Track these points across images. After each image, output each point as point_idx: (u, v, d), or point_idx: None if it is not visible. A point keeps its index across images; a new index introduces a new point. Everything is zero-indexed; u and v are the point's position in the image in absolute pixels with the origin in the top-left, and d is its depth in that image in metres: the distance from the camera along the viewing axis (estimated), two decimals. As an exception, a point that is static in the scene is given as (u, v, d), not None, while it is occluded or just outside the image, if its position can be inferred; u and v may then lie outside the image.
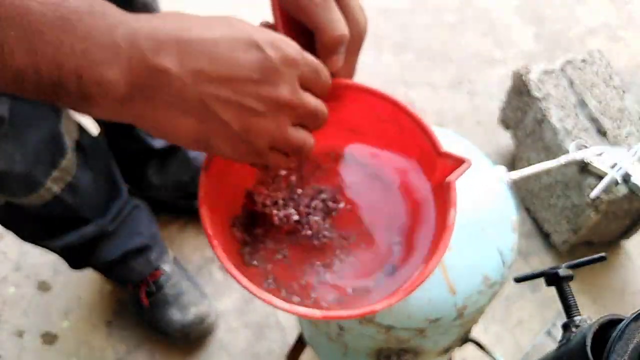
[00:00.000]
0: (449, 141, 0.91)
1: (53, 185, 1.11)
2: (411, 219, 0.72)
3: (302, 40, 0.60)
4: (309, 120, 0.59)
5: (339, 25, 0.61)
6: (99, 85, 0.48)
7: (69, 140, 1.12)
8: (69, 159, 1.12)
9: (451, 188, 0.63)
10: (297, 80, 0.55)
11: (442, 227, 0.63)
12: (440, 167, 0.65)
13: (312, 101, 0.58)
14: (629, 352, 0.50)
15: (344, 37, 0.62)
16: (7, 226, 1.23)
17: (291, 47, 0.55)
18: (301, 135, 0.59)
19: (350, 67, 0.67)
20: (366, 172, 0.75)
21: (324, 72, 0.59)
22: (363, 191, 0.75)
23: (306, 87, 0.58)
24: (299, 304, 0.64)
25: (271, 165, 0.61)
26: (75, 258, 1.39)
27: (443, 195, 0.65)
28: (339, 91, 0.67)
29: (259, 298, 0.58)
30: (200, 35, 0.51)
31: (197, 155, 1.59)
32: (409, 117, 0.67)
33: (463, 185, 0.84)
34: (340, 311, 0.62)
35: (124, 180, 1.38)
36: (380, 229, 0.72)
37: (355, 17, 0.63)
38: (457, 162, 0.63)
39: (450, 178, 0.63)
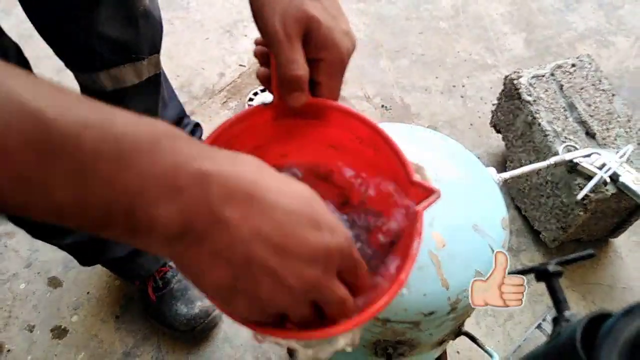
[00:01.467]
0: (443, 143, 0.95)
1: None
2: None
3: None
4: (333, 307, 0.54)
5: (295, 66, 0.63)
6: (150, 224, 0.44)
7: None
8: None
9: (418, 217, 0.61)
10: (337, 268, 0.53)
11: (405, 255, 0.60)
12: (412, 195, 0.63)
13: (342, 292, 0.54)
14: (618, 346, 0.50)
15: (296, 78, 0.63)
16: (17, 223, 1.24)
17: (347, 239, 0.53)
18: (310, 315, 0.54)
19: (333, 89, 0.69)
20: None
21: (363, 268, 0.56)
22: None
23: (341, 276, 0.54)
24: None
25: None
26: (85, 255, 1.40)
27: (411, 223, 0.62)
28: (323, 111, 0.69)
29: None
30: (274, 198, 0.48)
31: None
32: (386, 143, 0.67)
33: (458, 186, 0.87)
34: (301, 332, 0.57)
35: None
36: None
37: (335, 43, 0.65)
38: (427, 192, 0.62)
39: (418, 207, 0.61)
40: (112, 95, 1.23)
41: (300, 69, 0.64)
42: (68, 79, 1.97)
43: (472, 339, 1.08)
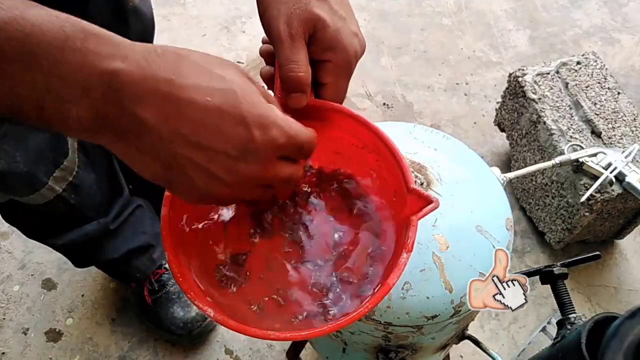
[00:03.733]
0: (446, 142, 0.93)
1: (55, 185, 1.11)
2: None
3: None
4: (279, 184, 0.58)
5: (295, 67, 0.63)
6: (61, 119, 0.46)
7: (71, 140, 1.13)
8: (71, 159, 1.12)
9: (411, 227, 0.61)
10: (274, 156, 0.55)
11: (392, 265, 0.62)
12: (410, 203, 0.63)
13: (286, 170, 0.57)
14: (623, 349, 0.51)
15: (296, 79, 0.63)
16: (12, 222, 1.24)
17: (279, 129, 0.54)
18: (264, 194, 0.59)
19: (338, 91, 0.69)
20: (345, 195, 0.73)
21: (310, 143, 0.58)
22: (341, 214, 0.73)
23: (285, 157, 0.57)
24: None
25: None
26: (79, 256, 1.39)
27: (404, 232, 0.63)
28: (325, 113, 0.68)
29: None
30: (193, 96, 0.49)
31: None
32: (388, 148, 0.67)
33: (461, 186, 0.86)
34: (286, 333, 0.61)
35: (126, 180, 1.39)
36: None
37: (343, 44, 0.65)
38: (425, 201, 0.62)
39: (413, 217, 0.62)
40: None
41: (301, 70, 0.63)
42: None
43: (476, 342, 1.09)
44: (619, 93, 1.59)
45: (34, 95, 0.45)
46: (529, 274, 0.98)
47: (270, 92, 0.60)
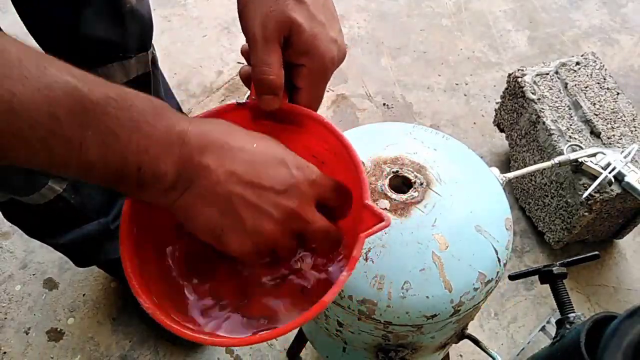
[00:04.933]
0: (445, 143, 0.94)
1: (55, 185, 1.12)
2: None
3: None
4: (316, 236, 0.63)
5: (266, 69, 0.64)
6: (154, 175, 0.54)
7: None
8: None
9: (357, 243, 0.60)
10: (313, 199, 0.62)
11: (335, 282, 0.60)
12: (364, 218, 0.62)
13: (322, 222, 0.63)
14: (622, 348, 0.51)
15: (266, 81, 0.64)
16: (13, 221, 1.25)
17: (313, 171, 0.62)
18: (295, 249, 0.65)
19: (311, 97, 0.70)
20: None
21: (341, 186, 0.65)
22: None
23: (324, 204, 0.64)
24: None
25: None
26: (80, 256, 1.40)
27: (351, 247, 0.62)
28: (298, 118, 0.69)
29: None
30: (242, 145, 0.58)
31: None
32: (350, 159, 0.66)
33: (461, 186, 0.86)
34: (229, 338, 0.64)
35: None
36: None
37: (319, 50, 0.65)
38: (376, 219, 0.61)
39: (362, 234, 0.60)
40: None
41: (272, 73, 0.64)
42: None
43: (476, 342, 1.08)
44: (618, 93, 1.59)
45: (136, 157, 0.53)
46: (529, 273, 0.98)
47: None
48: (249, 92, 0.69)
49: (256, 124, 0.69)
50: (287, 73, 0.66)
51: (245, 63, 0.70)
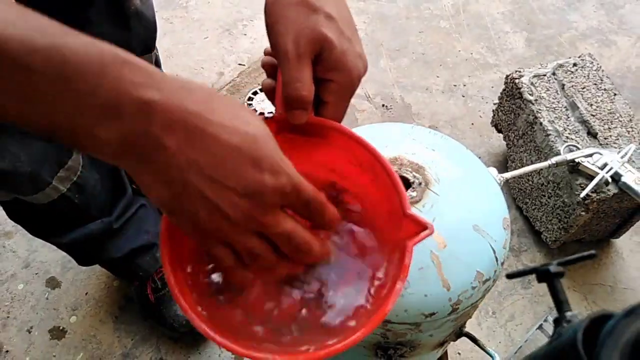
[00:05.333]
0: (444, 143, 0.95)
1: (59, 185, 1.12)
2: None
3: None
4: (277, 239, 0.57)
5: (300, 85, 0.63)
6: (91, 142, 0.48)
7: None
8: (75, 159, 1.12)
9: (407, 252, 0.60)
10: (278, 206, 0.56)
11: (391, 291, 0.60)
12: (404, 227, 0.62)
13: (285, 225, 0.57)
14: (619, 347, 0.50)
15: (300, 98, 0.64)
16: (16, 220, 1.25)
17: (290, 181, 0.55)
18: (260, 248, 0.58)
19: (338, 110, 0.70)
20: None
21: (317, 202, 0.59)
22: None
23: (297, 212, 0.59)
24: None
25: (214, 257, 0.60)
26: (83, 255, 1.40)
27: (399, 257, 0.62)
28: (323, 131, 0.68)
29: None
30: (215, 132, 0.51)
31: None
32: (384, 170, 0.66)
33: (459, 186, 0.87)
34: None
35: (129, 179, 1.40)
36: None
37: (347, 66, 0.66)
38: (420, 227, 0.61)
39: (409, 242, 0.61)
40: None
41: (305, 90, 0.64)
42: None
43: (474, 340, 1.09)
44: (615, 94, 1.60)
45: (66, 118, 0.47)
46: (526, 272, 0.99)
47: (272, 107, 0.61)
48: (250, 92, 0.68)
49: (280, 135, 0.66)
50: (315, 87, 0.66)
51: (260, 71, 0.69)
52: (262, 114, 0.69)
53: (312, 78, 0.65)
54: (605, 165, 1.38)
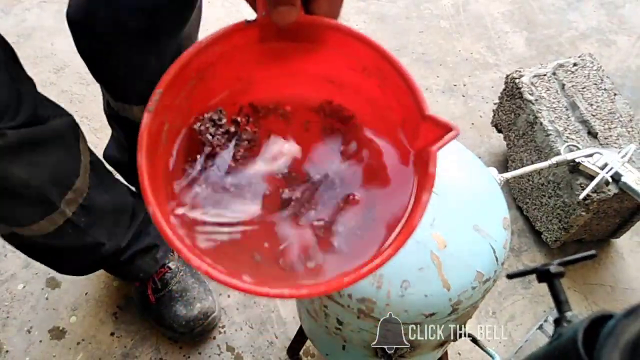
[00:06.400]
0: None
1: (66, 208, 1.08)
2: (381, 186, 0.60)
3: None
4: None
5: None
6: None
7: (85, 159, 1.11)
8: (83, 180, 1.10)
9: (431, 158, 0.54)
10: None
11: (416, 203, 0.53)
12: (424, 132, 0.54)
13: None
14: (620, 347, 0.50)
15: None
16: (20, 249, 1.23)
17: None
18: None
19: (333, 4, 0.57)
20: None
21: None
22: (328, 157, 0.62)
23: None
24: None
25: None
26: (85, 271, 1.40)
27: (422, 166, 0.55)
28: (317, 32, 0.57)
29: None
30: None
31: None
32: (395, 70, 0.56)
33: (459, 186, 0.87)
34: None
35: (130, 182, 1.40)
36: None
37: None
38: (443, 129, 0.53)
39: (432, 147, 0.53)
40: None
41: None
42: (67, 79, 1.98)
43: (474, 340, 1.09)
44: (615, 94, 1.60)
45: None
46: (526, 272, 0.99)
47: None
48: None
49: (265, 46, 0.58)
50: None
51: None
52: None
53: None
54: (605, 165, 1.38)
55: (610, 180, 1.37)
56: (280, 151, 0.61)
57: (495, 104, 1.81)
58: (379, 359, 0.98)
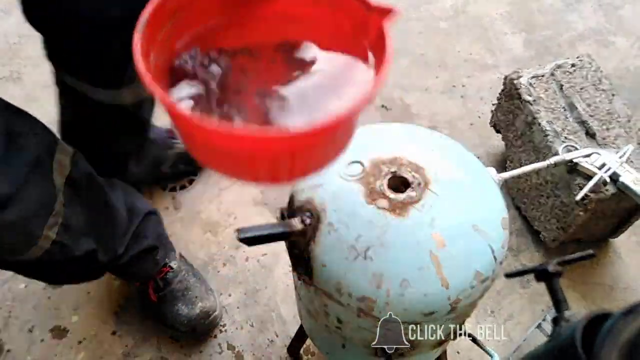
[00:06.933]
0: (443, 143, 0.95)
1: (49, 232, 1.06)
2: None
3: None
4: None
5: None
6: None
7: (60, 179, 1.08)
8: (60, 200, 1.07)
9: (384, 34, 0.57)
10: None
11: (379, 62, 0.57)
12: (372, 23, 0.58)
13: None
14: (618, 346, 0.51)
15: None
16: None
17: None
18: None
19: None
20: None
21: None
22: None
23: None
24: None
25: None
26: (87, 278, 1.40)
27: (379, 47, 0.58)
28: None
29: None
30: None
31: (158, 137, 1.66)
32: None
33: (458, 186, 0.88)
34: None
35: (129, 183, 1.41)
36: None
37: None
38: (386, 12, 0.57)
39: (382, 24, 0.57)
40: (130, 108, 1.27)
41: None
42: (68, 79, 1.98)
43: (473, 339, 1.09)
44: (613, 95, 1.60)
45: None
46: (524, 272, 1.00)
47: None
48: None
49: None
50: None
51: None
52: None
53: None
54: (603, 165, 1.38)
55: (608, 180, 1.37)
56: None
57: (493, 104, 1.82)
58: (378, 358, 0.98)
